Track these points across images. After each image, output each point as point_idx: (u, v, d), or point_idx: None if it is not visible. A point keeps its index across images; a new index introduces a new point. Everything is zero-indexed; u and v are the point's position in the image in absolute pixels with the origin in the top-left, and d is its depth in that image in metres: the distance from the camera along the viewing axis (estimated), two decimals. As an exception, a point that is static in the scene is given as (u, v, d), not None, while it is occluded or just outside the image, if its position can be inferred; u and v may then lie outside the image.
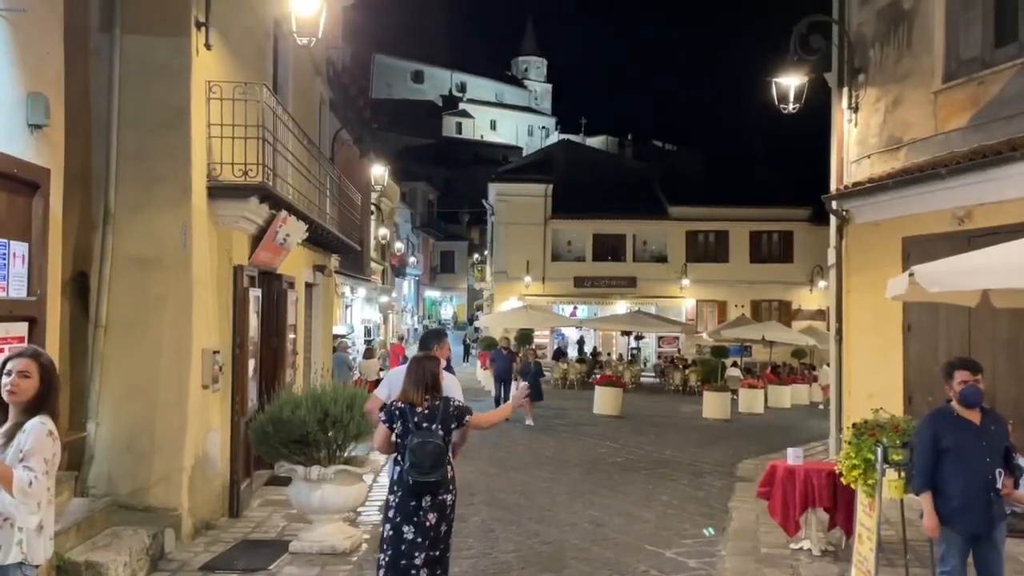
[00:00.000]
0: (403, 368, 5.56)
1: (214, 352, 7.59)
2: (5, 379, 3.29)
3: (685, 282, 35.80)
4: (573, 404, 20.92)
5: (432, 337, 5.74)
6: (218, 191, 7.84)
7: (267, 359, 9.72)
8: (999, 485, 4.65)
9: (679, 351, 34.47)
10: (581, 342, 36.69)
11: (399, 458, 4.64)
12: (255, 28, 9.70)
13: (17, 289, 4.91)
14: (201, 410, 7.41)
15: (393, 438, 4.64)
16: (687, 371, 26.55)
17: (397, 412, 4.65)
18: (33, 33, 5.35)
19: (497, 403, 17.47)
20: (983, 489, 4.64)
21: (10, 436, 3.27)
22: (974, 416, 4.73)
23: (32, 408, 3.32)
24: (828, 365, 13.72)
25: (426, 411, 4.65)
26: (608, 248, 36.99)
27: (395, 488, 4.65)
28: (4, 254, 4.75)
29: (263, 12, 9.93)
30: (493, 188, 38.63)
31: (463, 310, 62.45)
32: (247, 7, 9.23)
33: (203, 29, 7.56)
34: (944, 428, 4.75)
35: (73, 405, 6.84)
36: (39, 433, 3.26)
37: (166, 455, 7.04)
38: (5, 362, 3.35)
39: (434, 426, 4.61)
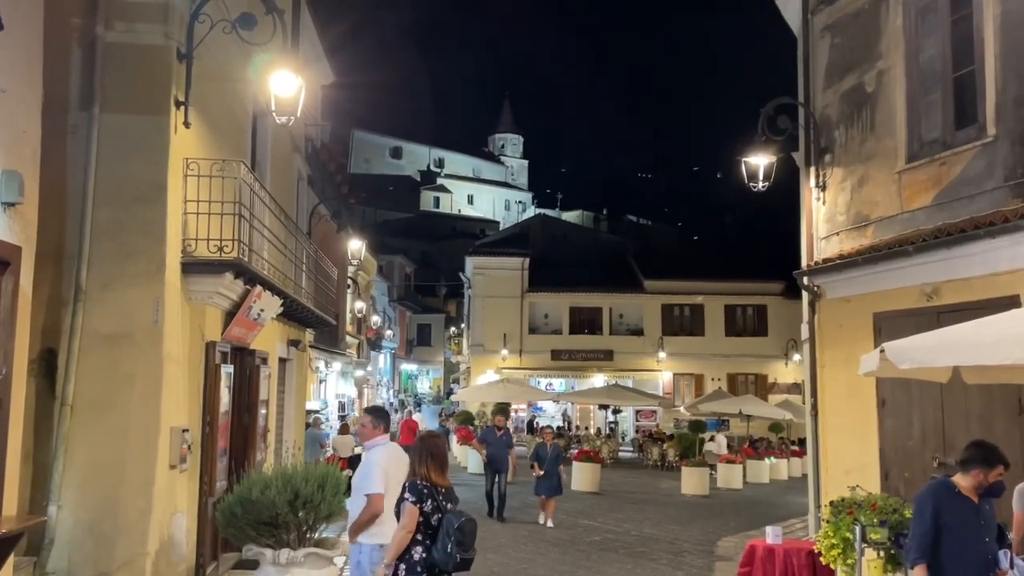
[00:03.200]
0: (390, 449, 5.58)
1: (183, 430, 7.43)
2: None
3: (661, 355, 35.89)
4: (550, 480, 20.55)
5: (379, 415, 5.89)
6: (192, 267, 7.82)
7: (237, 437, 9.51)
8: (1003, 566, 4.56)
9: (657, 425, 34.31)
10: (566, 416, 36.42)
11: (424, 538, 4.68)
12: (234, 106, 9.85)
13: (-19, 368, 4.80)
14: (168, 491, 7.20)
15: (419, 518, 4.69)
16: (665, 446, 26.36)
17: (426, 491, 4.71)
18: (11, 111, 5.38)
19: (488, 499, 13.99)
20: (983, 569, 4.55)
21: None
22: (972, 494, 4.67)
23: None
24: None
25: (446, 490, 4.84)
26: (585, 321, 37.13)
27: (417, 570, 4.65)
28: (-31, 333, 4.66)
29: (242, 90, 10.09)
30: (470, 261, 38.88)
31: (440, 383, 61.90)
32: (227, 86, 9.38)
33: (182, 108, 7.66)
34: (946, 503, 4.62)
35: (35, 487, 6.62)
36: None
37: (130, 539, 6.80)
38: None
39: (457, 505, 4.82)
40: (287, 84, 7.76)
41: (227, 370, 8.74)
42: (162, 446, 7.05)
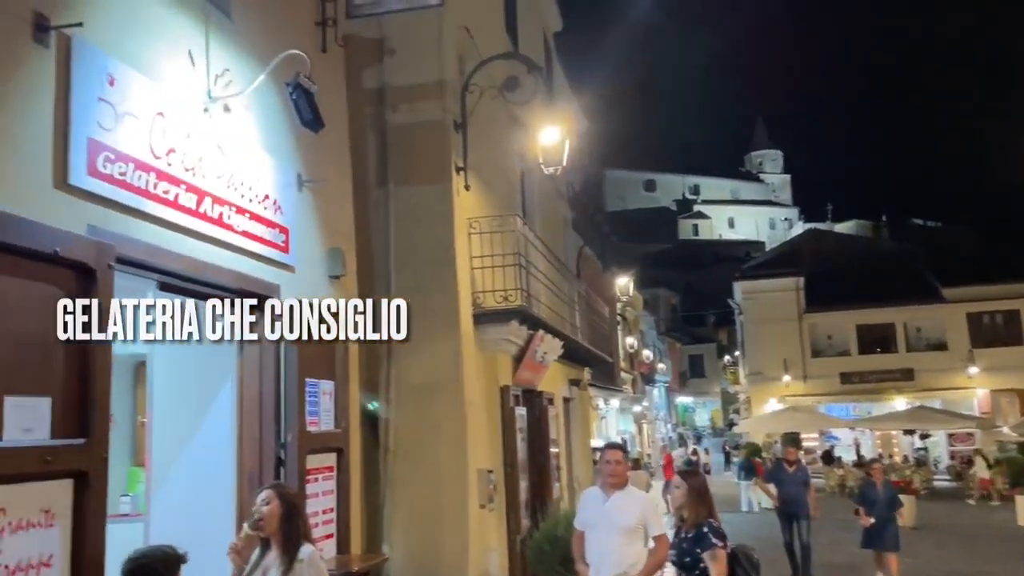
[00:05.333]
0: (595, 491, 5.23)
1: (488, 472, 7.89)
2: (255, 512, 3.51)
3: (973, 370, 31.75)
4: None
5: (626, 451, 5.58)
6: (483, 317, 8.36)
7: (534, 476, 9.92)
8: None
9: (977, 450, 30.30)
10: (858, 444, 33.52)
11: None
12: (504, 163, 10.50)
13: (327, 423, 5.51)
14: (480, 530, 7.66)
15: None
16: (992, 471, 23.16)
17: (722, 531, 4.51)
18: (330, 198, 6.21)
19: (789, 552, 10.81)
20: None
21: (287, 566, 3.41)
22: None
23: (285, 534, 3.46)
24: None
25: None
26: (876, 339, 33.98)
27: None
28: (316, 392, 5.37)
29: (510, 149, 10.74)
30: (738, 287, 37.50)
31: (718, 415, 60.00)
32: (497, 147, 10.04)
33: (462, 173, 8.31)
34: None
35: (368, 529, 7.37)
36: (317, 561, 3.47)
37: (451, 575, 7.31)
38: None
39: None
40: (552, 136, 8.14)
41: (520, 412, 9.19)
42: (471, 487, 7.54)
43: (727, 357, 55.62)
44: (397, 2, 6.37)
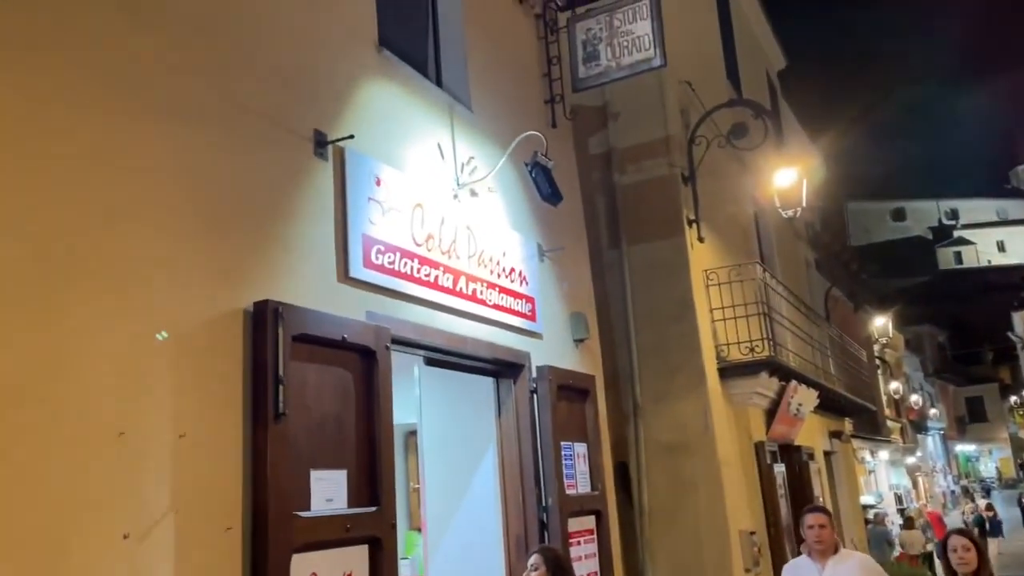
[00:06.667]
0: (803, 560, 4.75)
1: (750, 533, 7.53)
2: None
3: None
4: None
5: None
6: (728, 371, 8.11)
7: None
8: None
9: None
10: None
11: None
12: (737, 212, 10.25)
13: (583, 485, 5.59)
14: (746, 595, 7.30)
15: None
16: None
17: None
18: (569, 264, 6.42)
19: None
20: None
21: None
22: None
23: None
24: None
25: None
26: None
27: None
28: (571, 455, 5.49)
29: (742, 195, 10.48)
30: (1018, 317, 33.17)
31: (1008, 464, 52.64)
32: (728, 196, 9.84)
33: (694, 226, 8.23)
34: None
35: (629, 590, 7.30)
36: None
37: (720, 642, 7.00)
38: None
39: None
40: (787, 178, 7.85)
41: (778, 469, 8.72)
42: (734, 550, 7.22)
43: (1013, 398, 48.90)
44: (620, 70, 6.54)
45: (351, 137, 4.14)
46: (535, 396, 5.37)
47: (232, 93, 3.58)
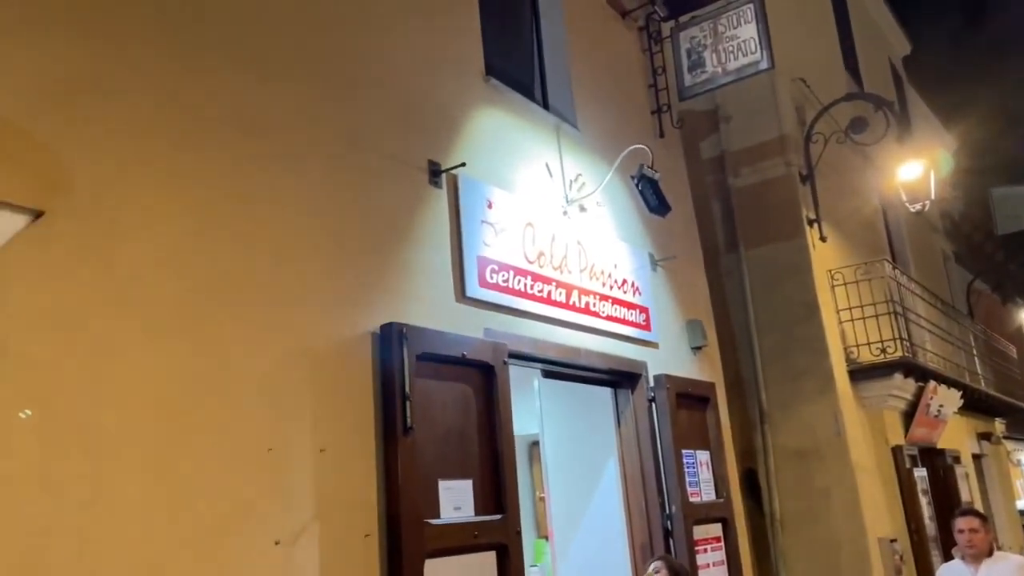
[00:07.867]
0: (956, 565, 4.44)
1: (891, 540, 7.24)
2: None
3: None
4: None
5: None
6: (859, 373, 7.84)
7: (948, 544, 8.80)
8: None
9: None
10: None
11: None
12: (862, 207, 9.88)
13: (707, 493, 5.58)
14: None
15: None
16: None
17: None
18: (683, 272, 6.43)
19: None
20: None
21: None
22: None
23: None
24: None
25: None
26: None
27: None
28: (694, 463, 5.50)
29: (867, 190, 10.09)
30: None
31: None
32: (851, 192, 9.52)
33: (815, 225, 8.02)
34: None
35: (764, 601, 7.18)
36: None
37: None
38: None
39: None
40: (913, 171, 7.54)
41: (919, 474, 8.32)
42: (874, 559, 6.97)
43: None
44: (726, 76, 6.52)
45: (463, 165, 4.37)
46: (653, 405, 5.42)
47: (356, 136, 3.89)
